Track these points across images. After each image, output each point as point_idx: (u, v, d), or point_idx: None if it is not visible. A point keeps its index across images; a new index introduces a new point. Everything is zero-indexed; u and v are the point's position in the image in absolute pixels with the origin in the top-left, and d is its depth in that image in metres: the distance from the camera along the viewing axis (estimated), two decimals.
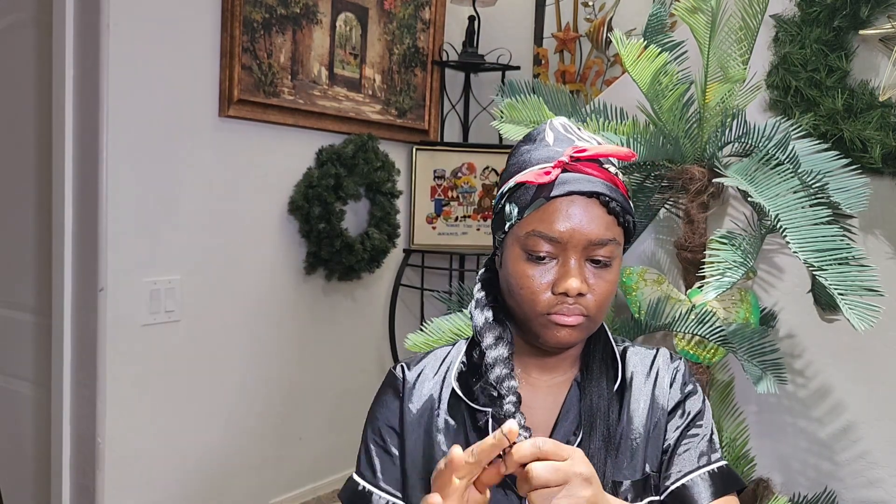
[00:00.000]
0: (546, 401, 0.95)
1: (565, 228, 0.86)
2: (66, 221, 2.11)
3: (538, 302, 0.87)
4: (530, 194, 0.87)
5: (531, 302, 0.87)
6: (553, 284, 0.87)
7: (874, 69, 1.73)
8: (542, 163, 0.89)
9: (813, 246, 1.24)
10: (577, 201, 0.86)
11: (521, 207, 0.88)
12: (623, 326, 1.67)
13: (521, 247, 0.88)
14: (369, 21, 2.80)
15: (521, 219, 0.88)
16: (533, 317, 0.88)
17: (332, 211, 2.61)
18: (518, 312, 0.90)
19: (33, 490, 2.44)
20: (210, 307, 2.36)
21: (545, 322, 0.88)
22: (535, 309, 0.88)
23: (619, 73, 2.74)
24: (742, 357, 1.48)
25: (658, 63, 1.45)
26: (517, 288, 0.88)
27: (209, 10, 2.28)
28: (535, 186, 0.87)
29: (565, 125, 0.94)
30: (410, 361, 1.01)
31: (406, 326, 3.04)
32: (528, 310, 0.88)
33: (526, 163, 0.91)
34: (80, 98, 2.08)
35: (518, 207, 0.88)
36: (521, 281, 0.87)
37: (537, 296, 0.87)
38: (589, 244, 0.86)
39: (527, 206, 0.87)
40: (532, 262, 0.87)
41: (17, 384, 2.48)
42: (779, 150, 1.43)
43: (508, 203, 0.90)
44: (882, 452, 1.78)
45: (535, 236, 0.86)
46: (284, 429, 2.66)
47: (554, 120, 0.95)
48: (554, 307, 0.87)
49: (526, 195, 0.88)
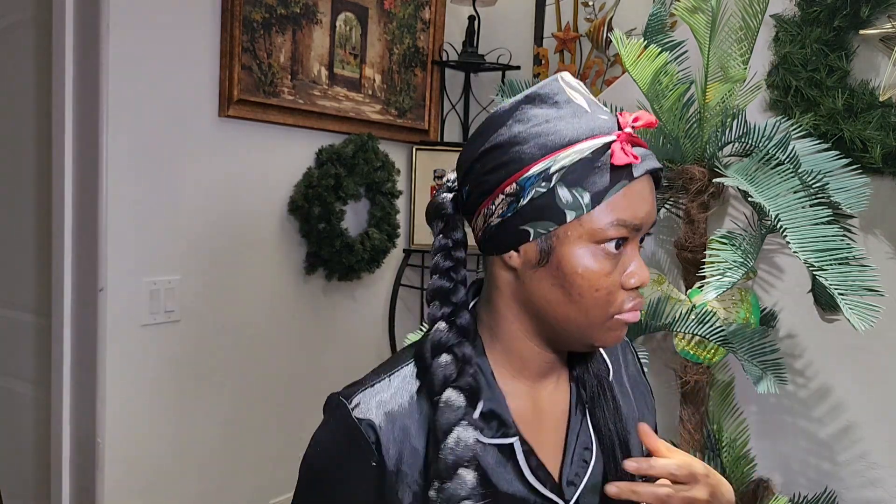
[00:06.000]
0: (551, 415, 0.83)
1: (646, 213, 0.73)
2: (66, 221, 2.11)
3: (612, 302, 0.74)
4: (604, 176, 0.71)
5: (605, 304, 0.73)
6: (625, 278, 0.74)
7: (874, 69, 1.73)
8: (596, 134, 0.72)
9: (813, 246, 1.24)
10: (647, 181, 0.74)
11: (595, 192, 0.71)
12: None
13: (594, 240, 0.72)
14: (369, 21, 2.80)
15: (596, 206, 0.71)
16: (601, 320, 0.74)
17: (332, 211, 2.60)
18: (577, 319, 0.74)
19: (33, 490, 2.44)
20: (210, 307, 2.36)
21: (613, 324, 0.75)
22: (608, 311, 0.74)
23: (620, 72, 2.74)
24: (742, 357, 1.48)
25: (658, 63, 1.45)
26: (591, 290, 0.72)
27: (209, 10, 2.28)
28: (611, 166, 0.71)
29: (581, 84, 0.79)
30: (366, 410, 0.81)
31: (406, 326, 3.04)
32: (598, 313, 0.74)
33: (559, 133, 0.73)
34: (80, 98, 2.08)
35: (590, 193, 0.71)
36: (598, 281, 0.72)
37: (613, 295, 0.73)
38: (651, 226, 0.75)
39: (605, 191, 0.71)
40: (607, 257, 0.72)
41: (17, 384, 2.48)
42: (779, 150, 1.43)
43: (566, 187, 0.71)
44: (882, 453, 1.78)
45: (618, 226, 0.71)
46: (284, 429, 2.66)
47: (565, 75, 0.78)
48: (627, 305, 0.74)
49: (597, 176, 0.71)
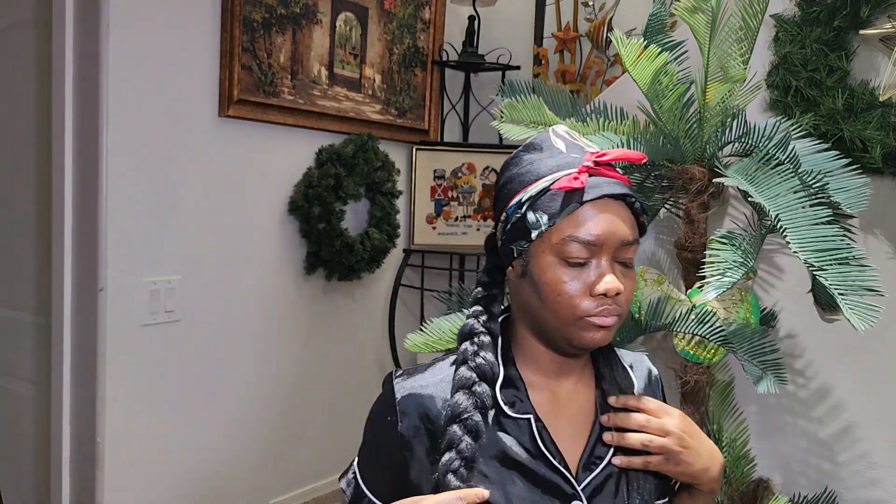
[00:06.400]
0: (571, 408, 0.97)
1: (601, 231, 0.88)
2: (66, 221, 2.11)
3: (577, 306, 0.88)
4: (558, 201, 0.88)
5: (570, 307, 0.88)
6: (590, 287, 0.88)
7: (874, 69, 1.73)
8: (561, 169, 0.90)
9: (813, 246, 1.24)
10: (609, 204, 0.89)
11: (551, 214, 0.88)
12: (623, 327, 1.67)
13: (554, 254, 0.89)
14: (369, 21, 2.80)
15: (553, 225, 0.89)
16: (570, 321, 0.89)
17: (332, 211, 2.60)
18: (550, 320, 0.91)
19: (33, 490, 2.44)
20: (210, 307, 2.36)
21: (584, 325, 0.89)
22: (573, 313, 0.89)
23: (620, 72, 2.74)
24: (742, 357, 1.48)
25: (658, 63, 1.45)
26: (554, 294, 0.89)
27: (209, 10, 2.28)
28: (564, 192, 0.88)
29: (569, 132, 0.96)
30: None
31: (406, 326, 3.04)
32: (565, 315, 0.89)
33: (537, 171, 0.91)
34: (80, 98, 2.08)
35: (548, 214, 0.89)
36: (559, 287, 0.88)
37: (576, 300, 0.88)
38: (620, 245, 0.89)
39: (558, 213, 0.88)
40: (568, 267, 0.88)
41: (17, 384, 2.48)
42: (779, 150, 1.43)
43: (532, 211, 0.90)
44: (882, 453, 1.78)
45: (571, 241, 0.88)
46: (284, 429, 2.66)
47: (556, 128, 0.96)
48: (593, 309, 0.88)
49: (554, 202, 0.89)
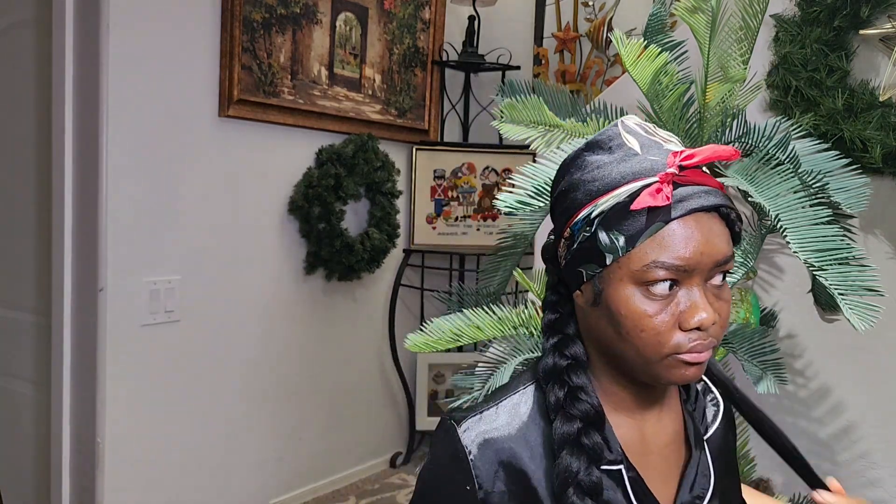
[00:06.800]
0: (658, 443, 0.85)
1: (692, 253, 0.73)
2: (66, 221, 2.11)
3: (665, 343, 0.75)
4: (639, 218, 0.73)
5: (657, 344, 0.75)
6: (681, 320, 0.75)
7: (874, 69, 1.73)
8: (638, 177, 0.75)
9: (813, 246, 1.24)
10: (700, 218, 0.74)
11: (630, 236, 0.73)
12: None
13: (634, 282, 0.74)
14: (369, 21, 2.80)
15: (632, 249, 0.74)
16: (657, 359, 0.76)
17: (332, 211, 2.60)
18: (632, 356, 0.77)
19: (33, 490, 2.44)
20: (210, 307, 2.36)
21: (673, 363, 0.76)
22: (661, 351, 0.75)
23: (620, 72, 2.74)
24: (742, 357, 1.48)
25: (658, 63, 1.45)
26: (637, 330, 0.75)
27: (209, 10, 2.28)
28: (644, 209, 0.73)
29: (642, 125, 0.80)
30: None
31: (406, 326, 3.04)
32: (651, 353, 0.75)
33: (608, 179, 0.76)
34: (80, 98, 2.08)
35: (625, 236, 0.74)
36: (642, 322, 0.74)
37: (664, 336, 0.74)
38: (715, 266, 0.75)
39: (639, 234, 0.73)
40: (652, 297, 0.74)
41: (17, 384, 2.48)
42: (779, 150, 1.43)
43: (604, 231, 0.75)
44: (882, 452, 1.78)
45: (656, 268, 0.73)
46: (284, 429, 2.66)
47: (627, 120, 0.81)
48: (685, 345, 0.75)
49: (632, 219, 0.74)
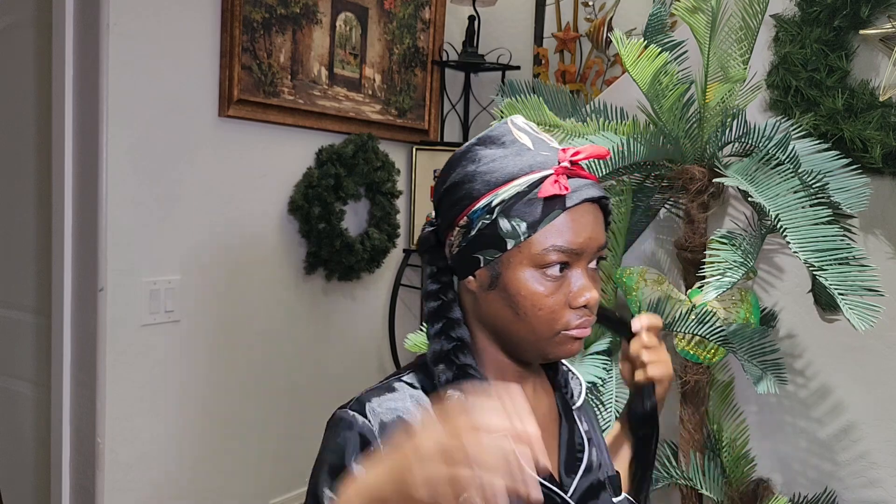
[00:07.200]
0: (537, 415, 0.86)
1: (584, 238, 0.80)
2: (66, 221, 2.11)
3: (558, 320, 0.81)
4: (537, 207, 0.79)
5: (550, 321, 0.81)
6: (570, 299, 0.81)
7: (874, 69, 1.73)
8: (534, 169, 0.80)
9: (813, 246, 1.24)
10: (587, 208, 0.81)
11: (530, 222, 0.79)
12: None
13: (532, 265, 0.80)
14: (369, 21, 2.80)
15: (532, 234, 0.79)
16: (548, 336, 0.82)
17: (332, 211, 2.60)
18: (525, 335, 0.82)
19: (33, 490, 2.44)
20: (210, 307, 2.36)
21: (562, 339, 0.82)
22: (553, 328, 0.81)
23: (620, 72, 2.74)
24: (742, 357, 1.48)
25: (658, 63, 1.45)
26: (534, 309, 0.80)
27: (209, 10, 2.28)
28: (541, 198, 0.79)
29: (529, 124, 0.86)
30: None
31: (406, 326, 3.04)
32: (544, 329, 0.81)
33: (505, 171, 0.81)
34: (80, 98, 2.08)
35: (526, 223, 0.79)
36: (540, 301, 0.80)
37: (557, 314, 0.81)
38: (598, 250, 0.83)
39: (539, 221, 0.79)
40: (547, 278, 0.80)
41: (17, 384, 2.48)
42: (779, 149, 1.43)
43: (506, 218, 0.79)
44: (882, 453, 1.78)
45: (553, 251, 0.79)
46: (284, 429, 2.66)
47: (515, 119, 0.86)
48: (573, 322, 0.82)
49: (532, 208, 0.79)
